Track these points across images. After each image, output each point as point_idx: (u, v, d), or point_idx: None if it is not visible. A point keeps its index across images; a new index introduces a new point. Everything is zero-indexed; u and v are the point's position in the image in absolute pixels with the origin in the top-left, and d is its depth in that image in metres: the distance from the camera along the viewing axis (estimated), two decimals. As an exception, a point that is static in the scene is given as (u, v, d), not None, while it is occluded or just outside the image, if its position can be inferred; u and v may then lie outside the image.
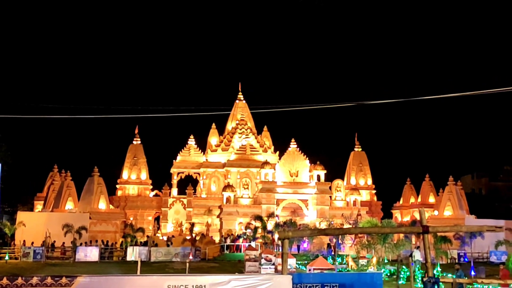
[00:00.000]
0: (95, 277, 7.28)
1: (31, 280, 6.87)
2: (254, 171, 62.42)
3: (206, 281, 7.47)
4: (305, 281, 10.86)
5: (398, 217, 66.92)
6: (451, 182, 60.44)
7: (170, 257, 42.42)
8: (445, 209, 59.23)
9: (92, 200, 56.50)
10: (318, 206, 57.22)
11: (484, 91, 20.58)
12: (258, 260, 30.84)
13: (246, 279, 7.73)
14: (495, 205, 68.37)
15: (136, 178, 64.80)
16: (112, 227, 55.88)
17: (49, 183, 62.12)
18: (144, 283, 7.44)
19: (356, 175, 68.31)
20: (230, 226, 55.11)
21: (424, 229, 8.94)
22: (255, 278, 7.82)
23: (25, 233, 47.02)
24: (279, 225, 49.19)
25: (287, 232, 8.84)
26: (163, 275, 7.96)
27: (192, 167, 67.67)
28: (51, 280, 6.95)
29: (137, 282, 7.43)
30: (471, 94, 23.65)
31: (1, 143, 42.82)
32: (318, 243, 49.56)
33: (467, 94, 23.23)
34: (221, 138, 69.91)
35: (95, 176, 57.92)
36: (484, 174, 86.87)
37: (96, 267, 35.29)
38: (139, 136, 66.10)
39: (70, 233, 45.28)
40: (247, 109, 70.05)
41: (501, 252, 45.21)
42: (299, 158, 60.51)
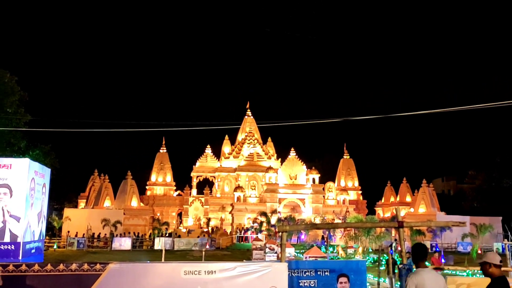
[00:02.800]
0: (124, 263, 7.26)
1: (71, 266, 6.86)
2: (260, 175, 62.33)
3: (216, 267, 7.44)
4: (301, 267, 10.78)
5: (380, 213, 66.51)
6: (424, 184, 60.12)
7: (190, 246, 42.30)
8: (420, 207, 58.83)
9: (126, 199, 56.56)
10: (314, 204, 57.01)
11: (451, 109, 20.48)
12: (263, 249, 30.66)
13: (249, 266, 7.67)
14: (462, 204, 67.83)
15: (162, 180, 64.86)
16: (142, 221, 55.87)
17: (90, 185, 62.32)
18: (165, 269, 7.41)
19: (345, 178, 68.08)
20: (240, 221, 54.96)
21: (399, 224, 8.85)
22: (257, 265, 7.77)
23: (70, 226, 47.11)
24: (280, 220, 49.04)
25: (285, 226, 8.79)
26: (180, 262, 7.92)
27: (208, 171, 67.75)
28: (87, 266, 6.93)
29: (159, 268, 7.40)
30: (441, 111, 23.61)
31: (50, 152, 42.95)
32: (313, 235, 49.33)
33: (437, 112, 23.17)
34: (233, 147, 69.92)
35: (128, 179, 58.05)
36: (452, 177, 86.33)
37: (129, 255, 35.24)
38: (165, 146, 66.26)
39: (107, 226, 45.37)
40: (255, 123, 70.17)
41: (466, 243, 44.83)
42: (297, 164, 60.39)
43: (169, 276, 7.19)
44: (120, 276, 7.04)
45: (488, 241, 45.91)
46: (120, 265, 7.11)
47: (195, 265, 7.35)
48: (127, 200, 56.51)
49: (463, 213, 58.36)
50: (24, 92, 38.05)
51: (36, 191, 21.78)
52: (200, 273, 7.26)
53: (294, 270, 9.96)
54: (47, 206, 25.52)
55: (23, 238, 16.04)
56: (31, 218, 21.64)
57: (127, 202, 56.19)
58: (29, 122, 37.52)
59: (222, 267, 7.45)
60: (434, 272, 6.12)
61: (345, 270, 10.17)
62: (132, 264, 7.35)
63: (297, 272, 10.11)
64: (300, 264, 10.79)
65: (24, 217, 20.61)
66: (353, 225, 26.68)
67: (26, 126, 37.32)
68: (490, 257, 5.75)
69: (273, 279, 7.67)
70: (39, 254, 23.54)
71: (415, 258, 6.08)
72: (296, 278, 9.93)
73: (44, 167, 24.88)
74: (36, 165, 22.77)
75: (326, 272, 10.45)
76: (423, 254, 6.04)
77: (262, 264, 7.80)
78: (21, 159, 17.99)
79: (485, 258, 5.81)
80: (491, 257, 5.76)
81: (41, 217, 23.54)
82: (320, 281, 10.12)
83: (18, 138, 36.82)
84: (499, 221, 52.20)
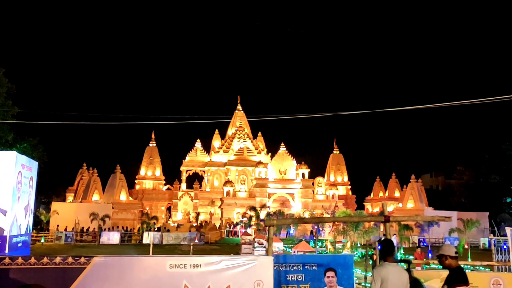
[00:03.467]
0: (109, 257, 7.22)
1: (55, 260, 6.81)
2: (250, 170, 62.34)
3: (202, 261, 7.43)
4: (289, 261, 10.78)
5: (369, 208, 66.90)
6: (413, 179, 60.53)
7: (179, 241, 42.22)
8: (408, 202, 59.27)
9: (115, 193, 56.30)
10: (303, 199, 57.18)
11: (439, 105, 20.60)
12: (252, 244, 30.70)
13: (235, 259, 7.67)
14: (449, 199, 68.46)
15: (151, 174, 64.66)
16: (131, 215, 55.68)
17: (78, 178, 61.95)
18: (150, 263, 7.38)
19: (334, 173, 68.34)
20: (230, 215, 54.99)
21: (386, 218, 8.89)
22: (243, 258, 7.77)
23: (58, 220, 46.85)
24: (270, 214, 49.11)
25: (272, 221, 8.81)
26: (166, 256, 7.91)
27: (198, 165, 67.64)
28: (72, 260, 6.88)
29: (144, 261, 7.38)
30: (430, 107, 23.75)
31: (38, 145, 42.58)
32: (303, 230, 49.50)
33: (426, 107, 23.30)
34: (223, 142, 69.83)
35: (117, 172, 57.78)
36: (440, 173, 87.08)
37: (117, 249, 35.12)
38: (154, 140, 66.03)
39: (96, 220, 45.13)
40: (245, 118, 70.12)
41: (453, 238, 45.23)
42: (287, 159, 60.48)
43: (154, 269, 7.17)
44: (105, 269, 7.01)
45: (475, 236, 46.42)
46: (105, 259, 7.07)
47: (180, 259, 7.34)
48: (116, 194, 56.25)
49: (451, 208, 58.93)
50: (11, 84, 37.64)
51: (23, 184, 21.59)
52: (185, 266, 7.25)
53: (281, 264, 9.99)
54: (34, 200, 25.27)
55: (9, 231, 15.90)
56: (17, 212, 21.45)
57: (115, 196, 55.93)
58: (16, 114, 37.16)
59: (208, 261, 7.44)
60: (399, 267, 6.41)
61: (333, 264, 10.19)
62: (117, 257, 7.32)
63: (285, 266, 10.14)
64: (287, 258, 10.82)
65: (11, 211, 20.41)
66: (340, 219, 26.85)
67: (14, 118, 36.95)
68: (446, 250, 6.01)
69: (259, 273, 7.68)
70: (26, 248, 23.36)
71: (382, 253, 6.37)
72: (284, 272, 9.96)
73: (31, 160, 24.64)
74: (23, 158, 22.55)
75: (314, 266, 10.48)
76: (390, 250, 6.32)
77: (248, 257, 7.80)
78: (8, 152, 17.81)
79: (441, 250, 6.07)
80: (446, 249, 6.02)
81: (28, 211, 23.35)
82: (308, 275, 10.16)
83: (6, 131, 36.45)
84: (486, 217, 52.76)
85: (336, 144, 69.87)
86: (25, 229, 23.04)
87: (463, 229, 45.22)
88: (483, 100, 15.48)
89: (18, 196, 21.37)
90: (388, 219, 9.43)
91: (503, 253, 18.73)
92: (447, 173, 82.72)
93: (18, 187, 21.47)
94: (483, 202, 59.41)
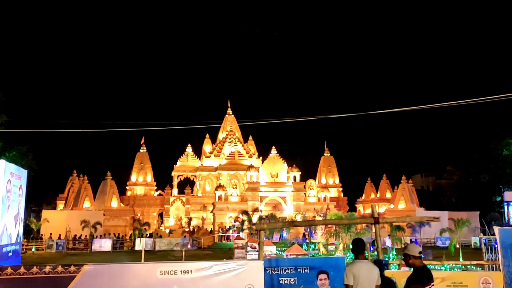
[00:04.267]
0: (99, 265, 7.21)
1: (45, 269, 6.79)
2: (241, 173, 62.31)
3: (192, 266, 7.44)
4: (281, 264, 10.85)
5: (361, 210, 67.09)
6: (403, 180, 60.84)
7: (171, 247, 42.11)
8: (399, 203, 59.54)
9: (106, 200, 55.96)
10: (295, 202, 57.24)
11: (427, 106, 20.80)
12: (245, 248, 30.70)
13: (225, 264, 7.69)
14: (440, 199, 68.92)
15: (142, 180, 64.39)
16: (123, 222, 55.34)
17: (69, 186, 61.53)
18: (140, 270, 7.38)
19: (326, 175, 68.51)
20: (222, 220, 54.87)
21: (375, 220, 8.99)
22: (233, 263, 7.79)
23: (49, 228, 46.44)
24: (262, 218, 49.10)
25: (263, 225, 8.84)
26: (156, 262, 7.89)
27: (189, 170, 67.51)
28: (61, 268, 6.86)
29: (135, 268, 7.37)
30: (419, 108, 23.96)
31: (28, 152, 42.33)
32: (295, 233, 49.50)
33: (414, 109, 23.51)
34: (214, 146, 69.75)
35: (108, 179, 57.45)
36: (431, 173, 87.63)
37: (109, 256, 34.90)
38: (145, 145, 65.77)
39: (87, 228, 44.82)
40: (235, 122, 70.12)
41: (445, 237, 45.50)
42: (278, 162, 60.56)
43: (145, 276, 7.17)
44: (95, 277, 6.99)
45: (466, 236, 46.71)
46: (95, 267, 7.06)
47: (171, 265, 7.35)
48: (107, 200, 55.92)
49: (442, 208, 59.30)
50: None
51: (12, 193, 21.41)
52: (176, 272, 7.26)
53: (274, 268, 10.04)
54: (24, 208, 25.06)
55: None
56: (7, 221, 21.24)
57: (107, 203, 55.60)
58: (5, 123, 36.90)
59: (198, 266, 7.46)
60: (370, 264, 6.87)
61: (325, 267, 10.26)
62: (107, 265, 7.31)
63: (277, 270, 10.19)
64: (280, 261, 10.87)
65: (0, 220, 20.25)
66: (329, 222, 27.03)
67: (2, 127, 36.69)
68: (410, 249, 6.23)
69: (250, 277, 7.71)
70: (17, 257, 23.16)
71: (353, 251, 6.88)
72: (276, 275, 10.01)
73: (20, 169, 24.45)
74: (12, 167, 22.36)
75: (306, 269, 10.55)
76: (360, 248, 6.85)
77: (239, 262, 7.84)
78: (-4, 161, 17.68)
79: (406, 250, 6.29)
80: (411, 249, 6.24)
81: (18, 220, 23.16)
82: (300, 278, 10.22)
83: (-6, 139, 36.18)
84: (477, 216, 53.17)
85: (326, 147, 70.09)
86: (15, 238, 22.85)
87: (454, 229, 45.50)
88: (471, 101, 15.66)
89: (8, 205, 21.17)
90: (377, 221, 9.53)
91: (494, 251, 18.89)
92: (437, 173, 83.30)
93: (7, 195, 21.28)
94: (474, 201, 59.87)
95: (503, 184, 57.25)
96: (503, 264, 8.99)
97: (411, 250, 6.18)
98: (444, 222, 47.00)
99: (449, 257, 28.96)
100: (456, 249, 33.36)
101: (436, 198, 70.22)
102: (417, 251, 6.14)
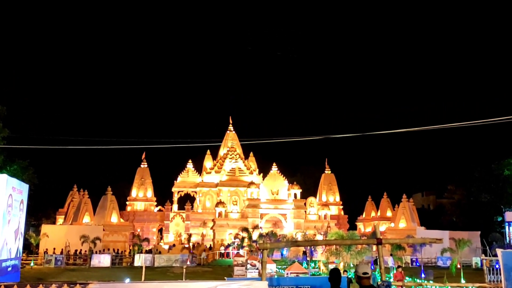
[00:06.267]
0: (104, 284, 7.21)
1: (50, 287, 6.80)
2: (242, 190, 62.21)
3: (196, 286, 7.45)
4: (282, 283, 10.86)
5: (361, 228, 66.82)
6: (404, 199, 60.73)
7: (171, 263, 41.90)
8: (400, 221, 59.34)
9: (106, 215, 55.81)
10: (295, 219, 57.03)
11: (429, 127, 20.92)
12: (244, 265, 30.55)
13: (230, 284, 7.69)
14: (441, 218, 68.64)
15: (143, 196, 64.26)
16: (122, 237, 55.10)
17: (69, 200, 61.41)
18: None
19: (326, 193, 68.38)
20: (222, 236, 54.61)
21: (378, 241, 9.01)
22: (238, 283, 7.79)
23: (48, 243, 46.24)
24: (262, 235, 48.89)
25: (266, 244, 8.86)
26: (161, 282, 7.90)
27: (190, 186, 67.42)
28: (67, 287, 6.88)
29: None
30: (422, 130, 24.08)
31: (28, 167, 42.36)
32: (295, 250, 49.24)
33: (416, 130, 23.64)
34: (215, 162, 69.77)
35: (108, 194, 57.38)
36: (432, 192, 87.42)
37: (108, 272, 34.71)
38: (146, 161, 65.79)
39: (86, 243, 44.64)
40: (236, 138, 70.31)
41: (446, 257, 45.26)
42: (279, 179, 60.50)
43: (149, 295, 7.17)
44: (99, 296, 7.00)
45: (467, 256, 46.45)
46: (99, 285, 7.07)
47: (175, 285, 7.36)
48: (107, 216, 55.76)
49: (443, 227, 59.04)
50: (1, 106, 37.60)
51: (13, 207, 21.43)
52: (180, 292, 7.27)
53: (275, 287, 10.06)
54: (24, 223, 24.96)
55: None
56: (7, 235, 21.18)
57: (106, 218, 55.43)
58: (7, 137, 37.02)
59: (202, 286, 7.47)
60: None
61: (326, 286, 10.24)
62: (112, 284, 7.32)
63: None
64: (281, 280, 10.88)
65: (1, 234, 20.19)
66: (332, 242, 26.86)
67: (4, 141, 36.82)
68: (357, 269, 6.49)
69: (254, 298, 7.71)
70: (16, 272, 23.06)
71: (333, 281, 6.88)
72: (277, 295, 10.02)
73: (22, 183, 24.44)
74: (14, 181, 22.38)
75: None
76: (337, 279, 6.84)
77: (243, 282, 7.83)
78: (-2, 175, 17.75)
79: (356, 268, 6.59)
80: (357, 269, 6.50)
81: (18, 234, 23.11)
82: (301, 297, 10.22)
83: (-5, 153, 36.26)
84: (478, 236, 52.92)
85: (327, 164, 70.08)
86: (15, 253, 22.76)
87: (455, 249, 45.25)
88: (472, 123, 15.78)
89: (9, 220, 21.13)
90: (380, 242, 9.55)
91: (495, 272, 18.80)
92: (438, 192, 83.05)
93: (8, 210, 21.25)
94: (474, 221, 59.63)
95: (504, 204, 57.10)
96: (505, 287, 8.97)
97: (357, 270, 6.44)
98: (445, 241, 46.73)
99: (450, 277, 28.83)
100: (457, 269, 33.18)
101: (437, 217, 69.95)
102: (361, 271, 6.31)
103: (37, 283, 6.77)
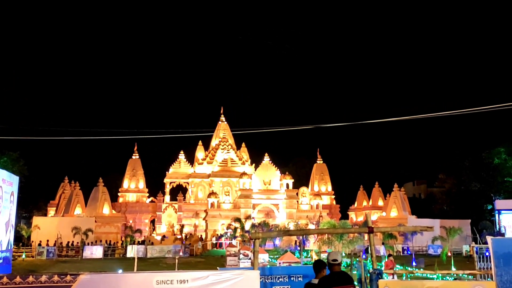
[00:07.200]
0: (95, 274, 7.19)
1: (40, 278, 6.75)
2: (234, 181, 62.25)
3: (189, 276, 7.45)
4: (274, 273, 10.91)
5: (353, 217, 67.26)
6: (396, 188, 61.13)
7: (163, 254, 41.93)
8: (391, 211, 59.76)
9: (97, 206, 55.64)
10: (287, 209, 57.24)
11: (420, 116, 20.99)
12: (237, 255, 30.59)
13: (222, 274, 7.70)
14: (432, 207, 69.24)
15: (135, 187, 64.15)
16: (114, 229, 55.01)
17: (60, 192, 61.13)
18: (136, 279, 7.37)
19: (318, 183, 68.65)
20: (214, 227, 54.73)
21: (370, 229, 9.05)
22: (230, 273, 7.81)
23: (39, 235, 46.07)
24: (255, 225, 49.05)
25: (258, 234, 8.88)
26: (152, 272, 7.89)
27: (182, 177, 67.36)
28: (57, 278, 6.84)
29: (131, 278, 7.36)
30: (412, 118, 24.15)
31: (19, 159, 42.09)
32: (288, 240, 49.50)
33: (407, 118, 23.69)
34: (207, 153, 69.68)
35: (100, 185, 57.17)
36: (422, 181, 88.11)
37: (100, 263, 34.66)
38: (137, 152, 65.59)
39: (78, 234, 44.56)
40: (228, 129, 70.15)
41: (437, 245, 45.70)
42: (271, 169, 60.60)
43: (141, 286, 7.16)
44: (91, 287, 6.97)
45: (457, 244, 46.97)
46: (91, 276, 7.04)
47: (167, 275, 7.34)
48: (99, 207, 55.59)
49: (433, 216, 59.60)
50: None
51: (3, 199, 21.29)
52: (172, 282, 7.26)
53: (267, 277, 10.10)
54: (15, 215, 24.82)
55: (-10, 248, 15.67)
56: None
57: (98, 210, 55.27)
58: (-4, 128, 36.61)
59: (195, 276, 7.46)
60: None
61: (318, 274, 10.25)
62: (103, 274, 7.30)
63: (271, 278, 10.24)
64: (273, 270, 10.92)
65: (-9, 227, 20.05)
66: (324, 231, 27.04)
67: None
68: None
69: (246, 287, 7.73)
70: (7, 264, 22.96)
71: (314, 271, 7.08)
72: (270, 284, 10.07)
73: (12, 175, 24.26)
74: (4, 173, 22.22)
75: (299, 277, 10.59)
76: (320, 268, 7.01)
77: (235, 272, 7.85)
78: (-12, 168, 17.60)
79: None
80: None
81: (9, 226, 22.99)
82: (294, 286, 10.28)
83: (-15, 145, 35.93)
84: (468, 224, 53.47)
85: (319, 154, 70.31)
86: (6, 245, 22.66)
87: (446, 237, 45.74)
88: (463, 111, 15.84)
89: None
90: (372, 230, 9.59)
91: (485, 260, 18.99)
92: (429, 181, 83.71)
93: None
94: (465, 209, 60.21)
95: (494, 193, 57.71)
96: (495, 274, 9.05)
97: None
98: (436, 230, 47.23)
99: (441, 265, 29.13)
100: (447, 257, 33.51)
101: (428, 206, 70.54)
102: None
103: (28, 275, 6.72)
